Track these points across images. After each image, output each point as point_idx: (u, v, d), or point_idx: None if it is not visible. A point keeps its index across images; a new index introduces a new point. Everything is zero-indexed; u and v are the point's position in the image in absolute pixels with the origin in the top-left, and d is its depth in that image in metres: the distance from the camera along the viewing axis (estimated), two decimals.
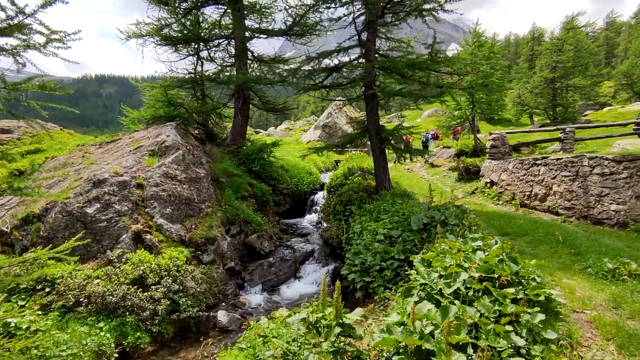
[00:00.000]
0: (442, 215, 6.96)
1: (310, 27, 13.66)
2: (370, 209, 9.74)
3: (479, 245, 4.67)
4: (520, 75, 61.37)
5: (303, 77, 11.36)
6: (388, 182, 11.01)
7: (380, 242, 7.63)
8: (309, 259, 9.70)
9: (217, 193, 10.45)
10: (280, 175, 14.15)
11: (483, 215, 9.02)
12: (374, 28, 10.66)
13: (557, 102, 46.34)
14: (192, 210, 8.78)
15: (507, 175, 11.78)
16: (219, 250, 8.51)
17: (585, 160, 8.48)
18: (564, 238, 6.27)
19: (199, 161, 10.26)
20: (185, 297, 6.51)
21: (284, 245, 10.62)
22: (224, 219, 9.71)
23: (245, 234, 10.14)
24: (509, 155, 13.57)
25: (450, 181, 16.02)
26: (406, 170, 19.80)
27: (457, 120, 18.24)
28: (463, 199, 12.93)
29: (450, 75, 9.66)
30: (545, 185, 9.81)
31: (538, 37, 75.87)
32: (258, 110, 15.90)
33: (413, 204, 9.26)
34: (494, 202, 11.66)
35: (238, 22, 13.78)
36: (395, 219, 8.39)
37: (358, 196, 10.67)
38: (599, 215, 7.98)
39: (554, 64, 46.02)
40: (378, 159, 10.86)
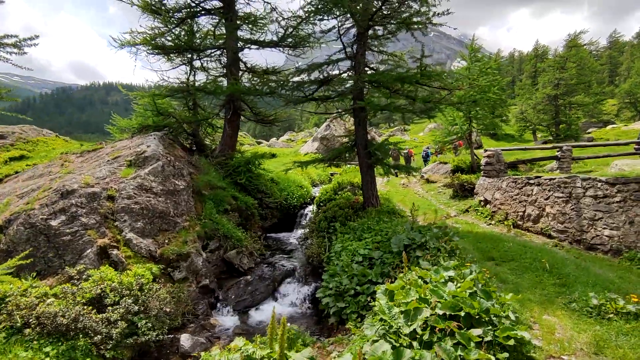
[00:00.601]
0: (422, 237, 6.56)
1: (303, 39, 13.50)
2: (354, 227, 9.35)
3: (450, 275, 4.26)
4: (524, 91, 61.28)
5: (291, 88, 11.13)
6: (375, 199, 10.63)
7: (359, 263, 7.23)
8: (289, 278, 9.26)
9: (197, 206, 10.11)
10: (269, 189, 13.80)
11: (471, 237, 8.61)
12: (363, 41, 10.44)
13: (560, 119, 46.11)
14: (166, 224, 8.43)
15: (500, 194, 11.37)
16: (192, 267, 8.12)
17: (579, 181, 8.08)
18: (551, 266, 5.84)
19: (180, 173, 9.95)
20: (145, 319, 6.10)
21: (265, 262, 10.20)
22: (202, 233, 9.34)
23: (225, 250, 9.74)
24: (504, 173, 13.18)
25: (444, 198, 15.61)
26: (401, 186, 19.42)
27: (452, 136, 17.91)
28: (455, 217, 12.52)
29: (441, 90, 9.35)
30: (539, 206, 9.40)
31: (542, 54, 76.09)
32: (249, 121, 15.64)
33: (398, 222, 8.86)
34: (487, 222, 11.23)
35: (230, 33, 13.65)
36: (378, 239, 7.98)
37: (343, 213, 10.29)
38: (592, 240, 7.54)
39: (557, 81, 45.93)
40: (365, 175, 10.50)
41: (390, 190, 18.03)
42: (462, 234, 9.16)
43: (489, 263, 6.45)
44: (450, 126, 17.62)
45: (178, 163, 10.27)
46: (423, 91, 10.57)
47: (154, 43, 13.79)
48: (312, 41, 13.65)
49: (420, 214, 13.01)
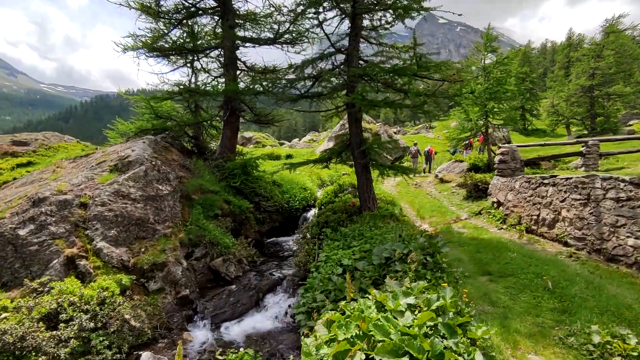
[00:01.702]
0: (405, 248, 5.79)
1: (300, 34, 12.90)
2: (345, 233, 8.65)
3: (410, 303, 3.52)
4: (555, 83, 57.81)
5: (283, 86, 10.56)
6: (372, 202, 9.86)
7: (340, 275, 6.54)
8: (276, 288, 8.68)
9: (184, 212, 9.74)
10: (269, 191, 13.30)
11: (473, 245, 7.70)
12: (356, 32, 9.71)
13: (596, 111, 43.04)
14: (144, 232, 8.07)
15: (513, 195, 10.30)
16: (169, 277, 7.71)
17: (598, 181, 7.00)
18: (555, 284, 4.93)
19: (166, 177, 9.61)
20: (103, 337, 5.71)
21: (255, 270, 9.68)
22: (186, 240, 8.94)
23: (212, 257, 9.31)
24: (520, 172, 12.02)
25: (457, 199, 14.54)
26: (413, 186, 18.42)
27: (467, 133, 16.71)
28: (465, 220, 11.52)
29: (446, 82, 8.45)
30: (554, 210, 8.32)
31: (577, 43, 71.54)
32: (247, 122, 15.21)
33: (392, 228, 8.07)
34: (498, 226, 10.19)
35: (227, 31, 13.26)
36: (366, 247, 7.27)
37: (336, 217, 9.59)
38: (614, 250, 6.46)
39: (592, 71, 42.89)
40: (361, 176, 9.76)
41: (401, 190, 17.11)
42: (464, 241, 8.26)
43: (483, 278, 5.59)
44: (465, 122, 16.45)
45: (165, 167, 9.95)
46: (419, 84, 9.72)
47: (154, 46, 13.65)
48: (311, 37, 13.04)
49: (427, 217, 12.12)
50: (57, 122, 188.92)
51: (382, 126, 32.50)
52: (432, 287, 4.12)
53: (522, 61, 58.69)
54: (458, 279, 5.36)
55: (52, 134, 19.71)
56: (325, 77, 9.10)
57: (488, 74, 16.26)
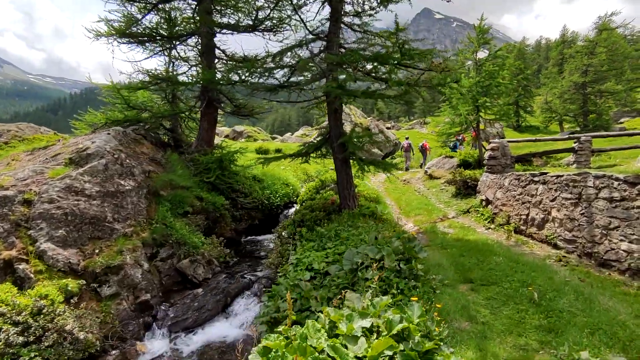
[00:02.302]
0: (378, 252, 5.18)
1: (281, 21, 12.18)
2: (321, 234, 8.03)
3: (366, 326, 2.91)
4: (549, 80, 57.60)
5: (260, 75, 9.86)
6: (353, 199, 9.26)
7: (311, 280, 5.93)
8: (246, 292, 8.07)
9: (150, 209, 9.05)
10: (248, 187, 12.64)
11: (457, 247, 7.13)
12: (336, 17, 9.04)
13: (589, 108, 42.91)
14: (100, 231, 7.38)
15: (502, 193, 9.75)
16: (126, 280, 7.04)
17: (591, 179, 6.45)
18: (542, 294, 4.37)
19: (130, 172, 8.90)
20: (36, 352, 5.06)
21: (227, 272, 9.05)
22: (150, 240, 8.27)
23: (179, 258, 8.65)
24: (510, 168, 11.49)
25: (446, 196, 13.99)
26: (402, 182, 17.84)
27: (457, 128, 16.15)
28: (453, 219, 10.97)
29: (424, 71, 7.84)
30: (544, 209, 7.78)
31: (570, 41, 71.32)
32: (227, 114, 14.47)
33: (369, 229, 7.47)
34: (486, 226, 9.65)
35: (203, 17, 12.48)
36: (341, 249, 6.65)
37: (313, 216, 8.98)
38: (606, 254, 5.92)
39: (585, 68, 42.67)
40: (340, 171, 9.14)
41: (388, 187, 16.53)
42: (448, 242, 7.70)
43: (464, 287, 5.02)
44: (455, 116, 15.88)
45: (130, 161, 9.23)
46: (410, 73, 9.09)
47: (127, 32, 12.82)
48: (293, 24, 12.33)
49: (413, 215, 11.55)
50: (45, 114, 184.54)
51: (373, 121, 31.91)
52: (399, 302, 3.52)
53: (516, 57, 58.39)
54: (435, 289, 4.78)
55: (27, 125, 18.76)
56: (302, 65, 8.42)
57: (480, 67, 15.71)
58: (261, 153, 25.80)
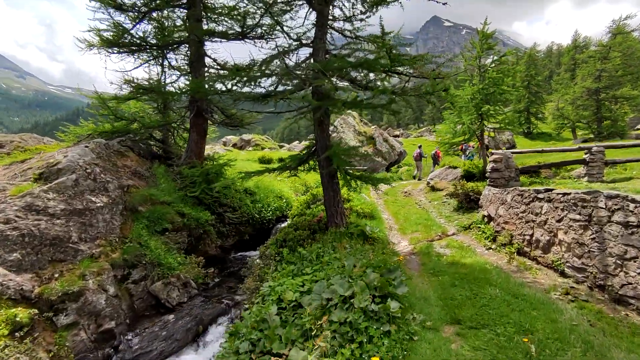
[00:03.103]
0: (349, 287, 4.50)
1: (271, 28, 11.69)
2: (303, 255, 7.36)
3: None
4: (561, 86, 56.22)
5: (243, 84, 9.33)
6: (340, 216, 8.58)
7: (281, 313, 5.26)
8: (221, 318, 7.43)
9: (125, 227, 8.52)
10: (237, 201, 12.07)
11: (450, 274, 6.38)
12: (322, 22, 8.48)
13: (603, 114, 41.53)
14: (62, 253, 6.85)
15: (504, 209, 8.96)
16: (87, 307, 6.48)
17: (602, 199, 5.67)
18: (541, 347, 3.62)
19: (103, 187, 8.41)
20: None
21: (205, 295, 8.42)
22: (121, 261, 7.71)
23: (152, 280, 8.08)
24: (515, 182, 10.70)
25: (447, 210, 13.20)
26: (403, 194, 17.07)
27: (459, 137, 15.37)
28: (452, 236, 10.20)
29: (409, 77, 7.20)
30: (549, 230, 6.98)
31: (583, 45, 69.84)
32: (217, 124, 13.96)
33: (354, 252, 6.77)
34: (486, 245, 8.85)
35: (192, 25, 12.09)
36: (320, 276, 5.98)
37: (296, 235, 8.32)
38: (621, 289, 5.12)
39: (598, 73, 41.40)
40: (327, 187, 8.49)
41: (388, 199, 15.78)
42: (441, 267, 6.94)
43: (450, 330, 4.28)
44: (456, 125, 15.13)
45: (106, 175, 8.74)
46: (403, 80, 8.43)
47: (119, 42, 12.49)
48: (285, 30, 11.82)
49: (409, 232, 10.80)
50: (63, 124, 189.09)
51: (377, 129, 31.22)
52: None
53: (527, 63, 57.29)
54: (414, 334, 4.06)
55: (30, 136, 18.62)
56: (283, 73, 7.85)
57: (484, 74, 14.98)
58: (264, 162, 25.35)
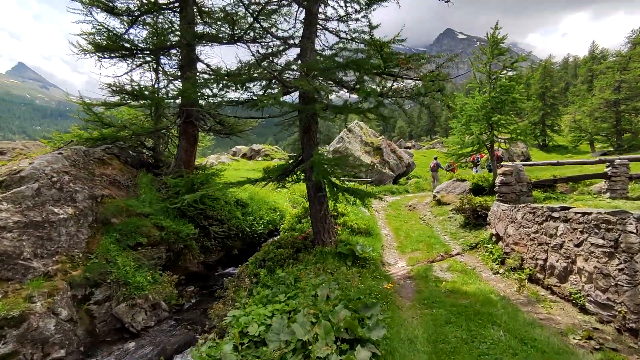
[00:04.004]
0: (310, 329, 3.60)
1: (266, 31, 11.05)
2: (280, 278, 6.50)
3: None
4: (578, 98, 54.59)
5: (227, 88, 8.65)
6: (328, 233, 7.69)
7: (240, 350, 4.40)
8: (188, 349, 6.58)
9: (93, 241, 7.81)
10: (226, 213, 11.29)
11: (446, 308, 5.42)
12: (310, 20, 7.77)
13: (623, 127, 39.82)
14: (10, 271, 6.15)
15: (514, 228, 7.94)
16: (31, 334, 5.72)
17: (631, 221, 4.67)
18: None
19: (70, 197, 7.74)
20: None
21: (175, 318, 7.59)
22: (82, 279, 6.97)
23: (117, 301, 7.30)
24: (527, 197, 9.67)
25: (453, 226, 12.16)
26: (407, 208, 16.07)
27: (467, 148, 14.35)
28: (456, 257, 9.19)
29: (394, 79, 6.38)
30: (566, 255, 5.96)
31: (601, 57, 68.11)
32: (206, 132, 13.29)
33: (338, 276, 5.87)
34: (494, 269, 7.82)
35: (183, 28, 11.59)
36: (293, 305, 5.11)
37: (277, 254, 7.45)
38: None
39: (618, 84, 39.84)
40: (313, 200, 7.64)
41: (390, 213, 14.81)
42: (437, 297, 5.97)
43: None
44: (464, 136, 14.15)
45: (75, 184, 8.09)
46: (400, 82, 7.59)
47: (110, 46, 12.06)
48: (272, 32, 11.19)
49: (409, 251, 9.82)
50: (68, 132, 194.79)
51: (384, 140, 30.33)
52: None
53: (542, 75, 55.97)
54: None
55: (34, 143, 18.37)
56: (264, 76, 7.12)
57: (494, 81, 14.05)
58: None
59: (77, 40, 11.96)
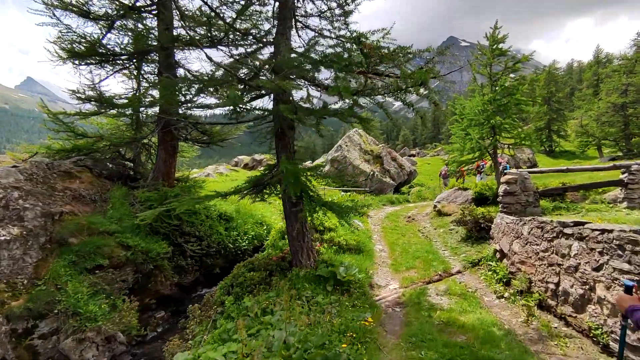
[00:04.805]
0: None
1: (245, 32, 10.32)
2: (246, 309, 5.57)
3: None
4: (584, 102, 53.52)
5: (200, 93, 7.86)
6: (307, 253, 6.77)
7: None
8: None
9: (44, 264, 6.95)
10: (207, 228, 10.42)
11: (436, 348, 4.46)
12: (284, 15, 6.98)
13: (632, 131, 38.60)
14: None
15: (520, 244, 6.96)
16: None
17: None
18: None
19: (17, 216, 6.92)
20: None
21: (132, 353, 6.67)
22: (24, 311, 6.10)
23: (66, 334, 6.41)
24: (534, 207, 8.72)
25: (454, 239, 11.16)
26: (406, 219, 15.08)
27: (468, 155, 13.40)
28: (455, 276, 8.22)
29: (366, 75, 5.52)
30: (582, 280, 4.99)
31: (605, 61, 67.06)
32: None
33: (305, 312, 4.95)
34: (498, 292, 6.82)
35: (161, 33, 10.92)
36: (253, 346, 4.19)
37: (248, 278, 6.53)
38: None
39: (625, 87, 38.75)
40: (290, 216, 6.75)
41: (387, 225, 13.83)
42: (430, 331, 5.00)
43: None
44: (464, 141, 13.23)
45: (26, 200, 7.28)
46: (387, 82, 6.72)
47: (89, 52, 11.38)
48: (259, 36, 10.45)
49: (404, 269, 8.84)
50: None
51: (384, 148, 29.43)
52: None
53: (547, 80, 55.03)
54: None
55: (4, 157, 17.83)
56: (224, 80, 6.30)
57: (495, 83, 13.19)
58: None
59: (54, 47, 11.32)
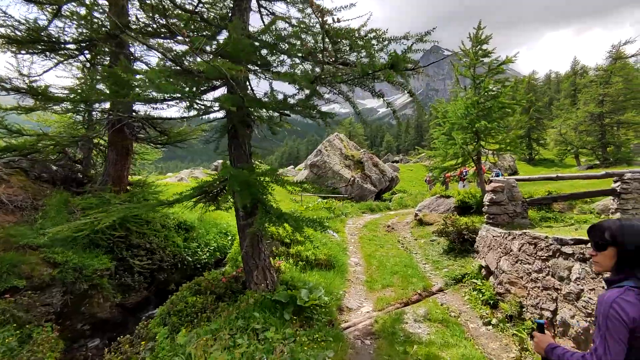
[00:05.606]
0: None
1: (208, 22, 9.28)
2: (180, 346, 4.46)
3: None
4: (562, 111, 54.57)
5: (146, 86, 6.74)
6: (263, 274, 5.70)
7: None
8: None
9: None
10: (161, 239, 9.22)
11: None
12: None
13: (608, 140, 39.29)
14: None
15: (509, 262, 6.09)
16: None
17: None
18: None
19: None
20: None
21: None
22: None
23: None
24: (522, 218, 7.90)
25: (436, 251, 10.32)
26: (385, 228, 14.19)
27: (451, 161, 12.66)
28: (437, 294, 7.33)
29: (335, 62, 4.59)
30: (586, 311, 4.11)
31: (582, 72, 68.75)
32: None
33: (255, 350, 3.89)
34: (484, 317, 5.92)
35: (110, 21, 9.75)
36: None
37: (190, 304, 5.41)
38: None
39: (601, 97, 39.47)
40: (242, 230, 5.68)
41: (365, 235, 12.88)
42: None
43: None
44: (447, 146, 12.47)
45: None
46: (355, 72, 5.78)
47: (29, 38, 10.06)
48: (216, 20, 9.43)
49: (379, 287, 7.87)
50: None
51: (366, 153, 28.66)
52: None
53: (526, 89, 55.92)
54: None
55: None
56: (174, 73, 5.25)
57: (479, 85, 12.52)
58: None
59: None
